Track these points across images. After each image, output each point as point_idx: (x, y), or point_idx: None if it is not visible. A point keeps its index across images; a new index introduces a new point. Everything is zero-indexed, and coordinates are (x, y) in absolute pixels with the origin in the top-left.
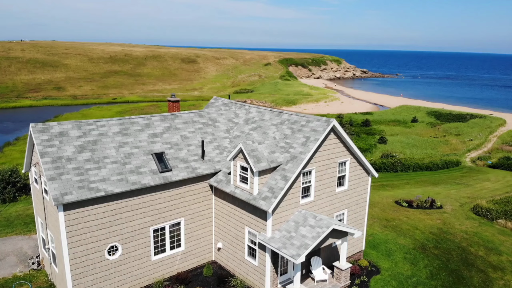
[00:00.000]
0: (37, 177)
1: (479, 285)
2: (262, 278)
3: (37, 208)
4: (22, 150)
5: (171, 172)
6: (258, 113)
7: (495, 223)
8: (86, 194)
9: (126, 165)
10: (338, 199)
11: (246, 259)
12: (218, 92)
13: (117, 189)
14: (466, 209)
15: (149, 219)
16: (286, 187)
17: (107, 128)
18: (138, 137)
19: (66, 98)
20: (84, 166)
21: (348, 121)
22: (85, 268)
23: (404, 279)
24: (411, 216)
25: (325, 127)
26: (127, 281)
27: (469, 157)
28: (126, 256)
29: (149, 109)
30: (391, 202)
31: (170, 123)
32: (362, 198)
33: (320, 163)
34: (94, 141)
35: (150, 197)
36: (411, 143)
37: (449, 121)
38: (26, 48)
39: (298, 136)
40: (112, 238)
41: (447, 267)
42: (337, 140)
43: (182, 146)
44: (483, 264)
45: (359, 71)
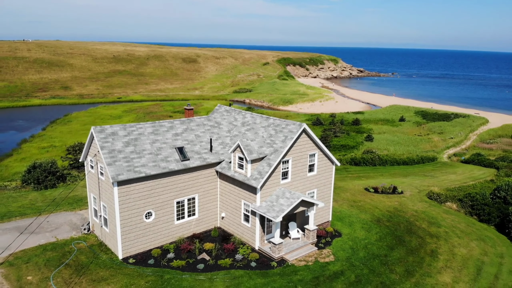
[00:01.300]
0: (93, 164)
1: (415, 246)
2: (253, 235)
3: (91, 187)
4: (39, 146)
5: (188, 161)
6: (252, 118)
7: (443, 205)
8: (132, 175)
9: (158, 155)
10: (309, 181)
11: (242, 223)
12: (218, 91)
13: (153, 172)
14: (422, 195)
15: (173, 194)
16: (270, 171)
17: (143, 130)
18: (165, 136)
19: (73, 97)
20: (130, 156)
21: (340, 120)
22: (130, 228)
23: (359, 241)
24: (375, 199)
25: (298, 129)
26: (157, 238)
27: (447, 154)
28: (157, 220)
29: (153, 108)
30: (361, 188)
31: (187, 125)
32: (328, 181)
33: (295, 154)
34: (135, 138)
35: (174, 178)
36: (395, 141)
37: (434, 120)
38: (32, 48)
39: (279, 135)
40: (148, 206)
41: (393, 233)
42: (307, 138)
43: (196, 142)
44: (423, 233)
45: (355, 70)
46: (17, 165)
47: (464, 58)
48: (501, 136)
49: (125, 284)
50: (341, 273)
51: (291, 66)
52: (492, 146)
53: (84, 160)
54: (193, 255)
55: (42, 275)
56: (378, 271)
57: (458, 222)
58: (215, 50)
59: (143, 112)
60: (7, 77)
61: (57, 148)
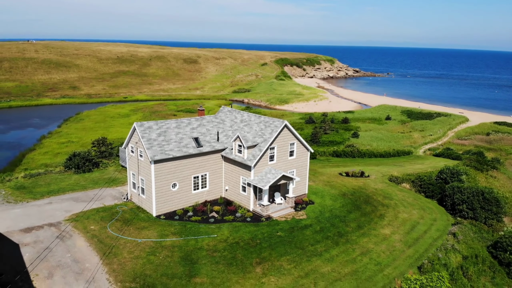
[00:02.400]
0: (134, 149)
1: (368, 211)
2: (248, 201)
3: (131, 166)
4: (58, 142)
5: (202, 148)
6: (248, 116)
7: (399, 185)
8: (163, 156)
9: (180, 143)
10: (290, 163)
11: (240, 192)
12: (218, 91)
13: (177, 154)
14: (385, 178)
15: (191, 171)
16: (260, 154)
17: (169, 125)
18: (185, 129)
19: (81, 97)
20: (161, 143)
21: (330, 119)
22: (161, 194)
23: (326, 207)
24: (345, 180)
25: (281, 125)
26: (180, 202)
27: (424, 149)
28: (180, 189)
29: (157, 107)
30: (336, 173)
31: (200, 122)
32: (304, 163)
33: (279, 143)
34: (164, 131)
35: (192, 159)
36: (379, 137)
37: (418, 119)
38: (39, 49)
39: (268, 129)
40: (174, 179)
41: (353, 203)
42: (288, 132)
43: (207, 134)
44: (377, 203)
45: (351, 70)
46: (41, 158)
47: (464, 58)
48: (477, 133)
49: (160, 230)
50: (310, 226)
51: (288, 66)
52: (466, 142)
53: (125, 147)
54: (206, 214)
55: (100, 225)
56: (337, 225)
57: (407, 197)
58: (215, 51)
59: (149, 111)
60: (18, 77)
61: (75, 143)
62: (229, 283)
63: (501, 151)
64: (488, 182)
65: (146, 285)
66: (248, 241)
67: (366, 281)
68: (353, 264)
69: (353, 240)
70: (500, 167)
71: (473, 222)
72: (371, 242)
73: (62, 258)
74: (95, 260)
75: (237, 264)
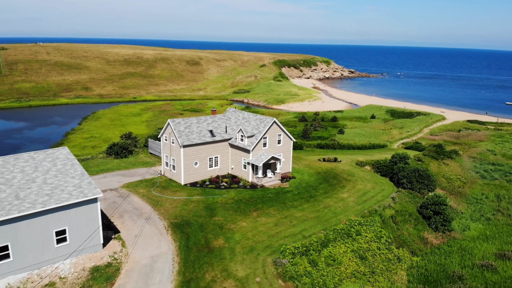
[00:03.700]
0: (167, 138)
1: (334, 183)
2: (248, 175)
3: (165, 150)
4: (82, 137)
5: (215, 137)
6: (247, 115)
7: (362, 168)
8: (189, 142)
9: (200, 134)
10: (278, 148)
11: (242, 169)
12: (220, 92)
13: (198, 142)
14: (353, 163)
15: (207, 153)
16: (256, 142)
17: (192, 121)
18: (203, 124)
19: (94, 97)
20: (187, 133)
21: (321, 117)
22: (187, 169)
23: (304, 180)
24: (321, 164)
25: (271, 121)
26: (200, 176)
27: (399, 143)
28: (200, 166)
29: (165, 107)
30: (316, 159)
31: (213, 119)
32: (289, 149)
33: (270, 134)
34: (189, 125)
35: (208, 145)
36: (361, 134)
37: (400, 117)
38: (51, 52)
39: (262, 124)
40: (195, 159)
41: (324, 178)
42: (276, 126)
43: (218, 128)
44: (341, 178)
45: (346, 71)
46: (71, 150)
47: (463, 58)
48: (450, 130)
49: (188, 192)
50: (290, 191)
51: (286, 67)
52: (437, 137)
53: (160, 137)
54: (218, 183)
55: (146, 190)
56: (310, 191)
57: (366, 175)
58: (216, 53)
59: (158, 110)
60: (34, 79)
61: (97, 138)
62: (236, 220)
63: (465, 145)
64: (439, 167)
65: (184, 220)
66: (248, 198)
67: (324, 221)
68: (317, 212)
69: (320, 199)
70: (455, 157)
71: (410, 191)
72: (332, 201)
73: (126, 207)
74: (148, 208)
75: (240, 211)
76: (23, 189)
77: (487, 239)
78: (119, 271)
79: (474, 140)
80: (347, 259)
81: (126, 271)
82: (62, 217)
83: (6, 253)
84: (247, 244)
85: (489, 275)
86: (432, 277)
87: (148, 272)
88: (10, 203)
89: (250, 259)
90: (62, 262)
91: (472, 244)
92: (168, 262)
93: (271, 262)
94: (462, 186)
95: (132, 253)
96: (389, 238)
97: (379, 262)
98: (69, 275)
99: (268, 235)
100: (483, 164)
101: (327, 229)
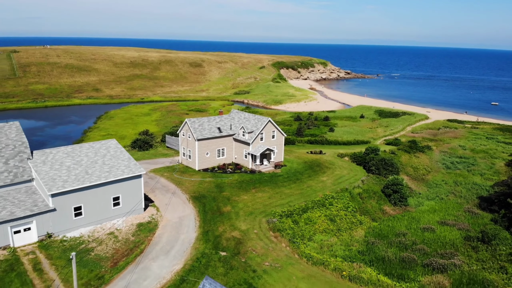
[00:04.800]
0: (184, 133)
1: (317, 170)
2: (248, 163)
3: (183, 143)
4: (99, 134)
5: (222, 133)
6: (248, 115)
7: (342, 158)
8: (202, 137)
9: (210, 130)
10: (272, 142)
11: (244, 159)
12: (221, 93)
13: (209, 136)
14: (335, 155)
15: (216, 145)
16: (255, 137)
17: (204, 120)
18: (212, 122)
19: (104, 98)
20: (200, 130)
21: (315, 117)
22: (200, 158)
23: (293, 167)
24: (308, 155)
25: (267, 120)
26: (210, 163)
27: (382, 140)
28: (210, 156)
29: (171, 107)
30: (304, 152)
31: (221, 118)
32: (281, 143)
33: (265, 131)
34: (201, 123)
35: (216, 139)
36: (350, 132)
37: (386, 117)
38: (60, 54)
39: (259, 123)
40: (207, 150)
41: (309, 166)
42: (271, 124)
43: (224, 125)
44: (323, 166)
45: (343, 72)
46: None
47: (461, 58)
48: (430, 128)
49: (202, 175)
50: (281, 175)
51: (284, 69)
52: (416, 135)
53: (179, 132)
54: (225, 169)
55: (169, 173)
56: (297, 175)
57: (344, 164)
58: (217, 55)
59: (165, 111)
60: (47, 80)
61: (113, 135)
62: (239, 195)
63: (440, 141)
64: (410, 159)
65: (201, 194)
66: (248, 180)
67: (305, 196)
68: (301, 190)
69: (304, 181)
70: (427, 151)
71: (377, 176)
72: (313, 183)
73: (155, 185)
74: (173, 186)
75: (242, 188)
76: (90, 168)
77: (434, 212)
78: (157, 226)
79: (450, 137)
80: (320, 221)
81: (162, 226)
82: (117, 188)
83: (79, 211)
84: (248, 210)
85: (427, 234)
86: (383, 234)
87: (178, 227)
88: (82, 176)
89: (250, 219)
90: (116, 219)
91: (420, 215)
92: (192, 220)
93: (265, 221)
94: (427, 174)
95: (165, 215)
96: (355, 208)
97: (344, 223)
98: (122, 228)
99: (263, 205)
100: (451, 157)
101: (307, 201)
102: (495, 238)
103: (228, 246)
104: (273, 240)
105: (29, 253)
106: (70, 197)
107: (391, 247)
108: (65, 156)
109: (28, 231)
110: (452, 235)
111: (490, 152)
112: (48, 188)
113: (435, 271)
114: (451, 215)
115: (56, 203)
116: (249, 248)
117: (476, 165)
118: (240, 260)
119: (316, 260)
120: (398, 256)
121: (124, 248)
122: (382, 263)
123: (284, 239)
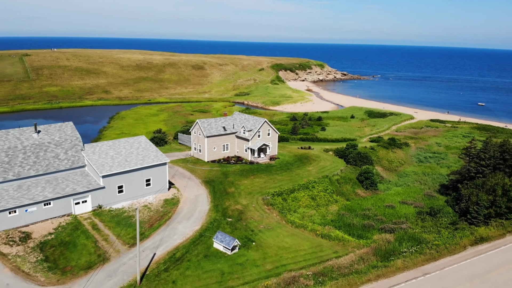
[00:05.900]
0: (196, 131)
1: (305, 162)
2: (248, 156)
3: (194, 139)
4: (114, 133)
5: (226, 131)
6: (248, 116)
7: (327, 153)
8: (210, 134)
9: (217, 129)
10: (268, 139)
11: (244, 152)
12: (223, 94)
13: (216, 133)
14: (322, 150)
15: (221, 141)
16: (253, 134)
17: (212, 120)
18: (219, 122)
19: (114, 99)
20: (209, 128)
21: (309, 117)
22: (209, 151)
23: (285, 160)
24: (299, 150)
25: (263, 121)
26: (217, 156)
27: (367, 138)
28: (217, 150)
29: (177, 108)
30: (296, 148)
31: (225, 119)
32: (275, 139)
33: (262, 129)
34: (209, 123)
35: (222, 137)
36: (340, 131)
37: (375, 117)
38: (70, 58)
39: (257, 123)
40: (214, 145)
41: (299, 159)
42: (267, 124)
43: (228, 125)
44: (310, 159)
45: (339, 74)
46: None
47: (459, 58)
48: (413, 127)
49: (210, 166)
50: (275, 166)
51: (282, 71)
52: (399, 133)
53: (191, 130)
54: (228, 161)
55: (184, 164)
56: (288, 166)
57: (328, 157)
58: (218, 57)
59: (172, 111)
60: (59, 83)
61: (127, 134)
62: (240, 180)
63: (420, 139)
64: (387, 154)
65: (210, 179)
66: (248, 169)
67: (293, 181)
68: (290, 177)
69: (293, 170)
70: (404, 147)
71: (354, 167)
72: (301, 171)
73: (174, 173)
74: (188, 173)
75: (243, 175)
76: (128, 157)
77: (398, 195)
78: (179, 201)
79: (429, 136)
80: (304, 199)
81: (183, 201)
82: (149, 172)
83: (121, 189)
84: (247, 191)
85: (388, 210)
86: (353, 209)
87: (194, 202)
88: (123, 163)
89: (249, 197)
90: (148, 196)
91: (386, 197)
92: (205, 198)
93: (261, 198)
94: (400, 166)
95: (184, 193)
96: (332, 190)
97: (323, 201)
98: (153, 202)
99: (260, 187)
100: (426, 152)
101: (294, 185)
102: (439, 212)
103: (233, 215)
104: (266, 211)
105: (87, 218)
106: (115, 178)
107: (357, 217)
108: (108, 148)
109: (84, 203)
110: (407, 211)
111: (461, 148)
112: (99, 171)
113: (386, 233)
114: (411, 197)
115: (105, 182)
116: (248, 216)
117: (446, 159)
118: (242, 224)
119: (298, 224)
120: (361, 223)
121: (156, 215)
122: (348, 228)
123: (275, 210)
